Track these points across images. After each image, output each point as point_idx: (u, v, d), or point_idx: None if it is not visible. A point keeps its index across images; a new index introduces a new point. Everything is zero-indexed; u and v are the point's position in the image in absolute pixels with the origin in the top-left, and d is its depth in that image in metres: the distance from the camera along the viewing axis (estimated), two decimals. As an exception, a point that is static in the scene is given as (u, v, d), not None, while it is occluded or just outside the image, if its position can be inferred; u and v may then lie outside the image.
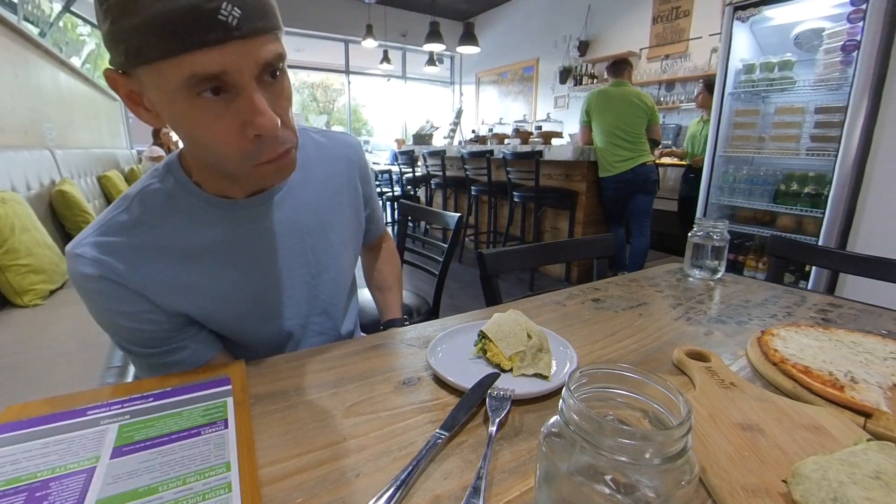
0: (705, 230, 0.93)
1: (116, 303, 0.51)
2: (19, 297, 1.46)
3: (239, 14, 0.39)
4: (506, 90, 7.22)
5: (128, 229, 0.52)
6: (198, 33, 0.38)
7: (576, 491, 0.26)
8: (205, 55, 0.39)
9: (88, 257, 0.49)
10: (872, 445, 0.34)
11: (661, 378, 0.28)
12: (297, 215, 0.62)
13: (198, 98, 0.41)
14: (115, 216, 0.52)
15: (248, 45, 0.41)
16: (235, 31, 0.39)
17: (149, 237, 0.52)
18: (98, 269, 0.49)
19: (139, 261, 0.51)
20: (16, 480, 0.33)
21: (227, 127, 0.43)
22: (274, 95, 0.45)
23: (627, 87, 2.86)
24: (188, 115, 0.43)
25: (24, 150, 2.02)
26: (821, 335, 0.60)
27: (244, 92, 0.42)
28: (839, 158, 1.99)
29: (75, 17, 3.27)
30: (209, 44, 0.39)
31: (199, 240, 0.54)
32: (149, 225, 0.52)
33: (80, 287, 0.50)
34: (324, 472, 0.37)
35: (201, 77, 0.40)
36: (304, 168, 0.63)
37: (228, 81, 0.41)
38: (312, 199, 0.65)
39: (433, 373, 0.52)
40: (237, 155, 0.45)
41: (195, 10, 0.37)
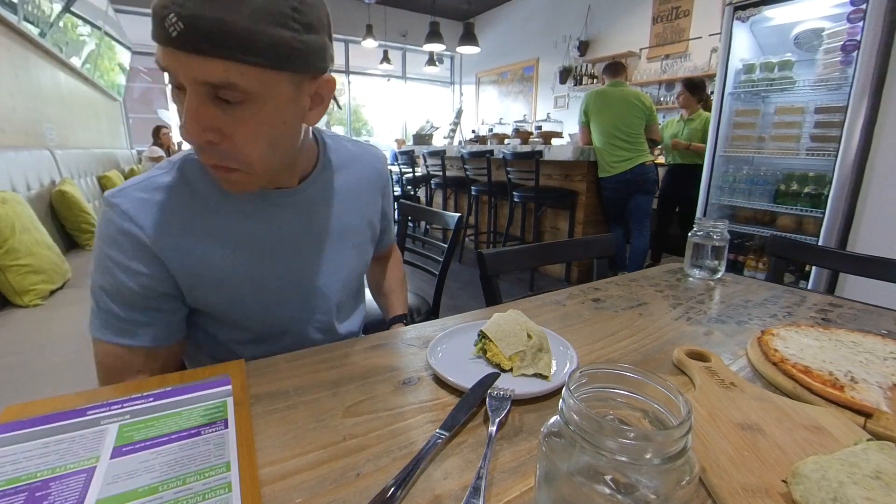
0: (705, 230, 0.93)
1: (127, 257, 0.52)
2: (19, 298, 1.46)
3: (180, 28, 0.41)
4: (506, 90, 7.22)
5: (166, 190, 0.55)
6: (154, 28, 0.43)
7: (576, 491, 0.26)
8: (158, 49, 0.44)
9: (123, 209, 0.52)
10: (872, 445, 0.34)
11: (661, 378, 0.28)
12: (319, 215, 0.65)
13: (171, 83, 0.46)
14: (157, 176, 0.56)
15: (186, 58, 0.42)
16: (173, 41, 0.42)
17: (183, 202, 0.55)
18: (127, 223, 0.52)
19: (169, 223, 0.54)
20: (16, 480, 0.33)
21: (178, 115, 0.47)
22: (230, 118, 0.46)
23: (625, 88, 2.86)
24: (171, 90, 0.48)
25: (24, 151, 2.02)
26: (821, 335, 0.60)
27: (187, 95, 0.45)
28: (839, 158, 1.99)
29: (75, 18, 3.27)
30: (159, 41, 0.43)
31: (222, 218, 0.57)
32: (187, 190, 0.56)
33: (102, 230, 0.53)
34: (324, 472, 0.37)
35: (160, 66, 0.45)
36: (333, 171, 0.67)
37: (177, 80, 0.45)
38: (336, 201, 0.67)
39: (433, 373, 0.52)
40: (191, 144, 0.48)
41: (155, 11, 0.42)
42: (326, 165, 0.67)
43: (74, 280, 1.75)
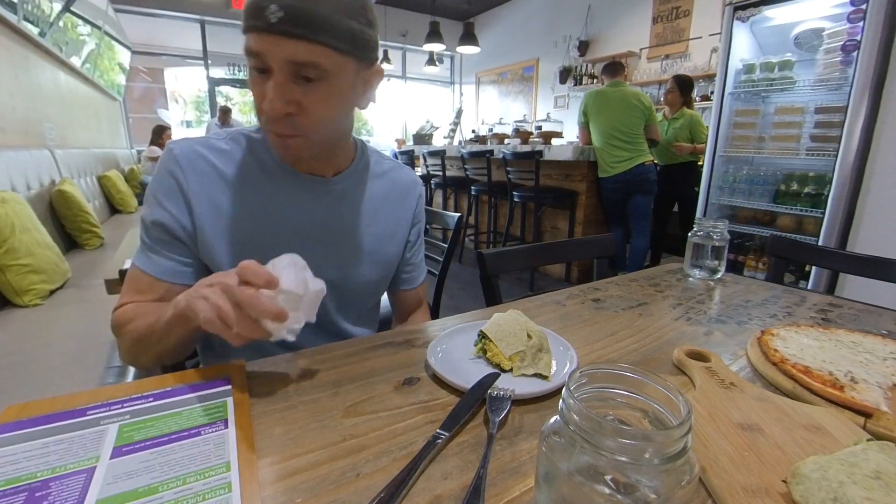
0: (705, 230, 0.93)
1: (163, 194, 0.62)
2: (19, 297, 1.46)
3: (280, 15, 0.51)
4: (506, 90, 7.22)
5: (218, 153, 0.65)
6: (251, 20, 0.52)
7: (576, 491, 0.26)
8: (252, 37, 0.53)
9: (175, 154, 0.63)
10: (872, 445, 0.34)
11: (661, 378, 0.28)
12: (346, 212, 0.71)
13: (252, 67, 0.56)
14: (215, 140, 0.66)
15: (281, 42, 0.52)
16: (273, 26, 0.51)
17: (228, 167, 0.65)
18: (174, 166, 0.62)
19: (209, 179, 0.63)
20: (16, 480, 0.33)
21: (257, 94, 0.56)
22: (305, 92, 0.56)
23: (625, 88, 2.86)
24: (250, 76, 0.57)
25: (24, 150, 2.02)
26: (821, 335, 0.60)
27: (271, 76, 0.54)
28: (839, 158, 1.99)
29: (75, 17, 3.27)
30: (254, 29, 0.52)
31: (256, 191, 0.65)
32: (234, 160, 0.65)
33: (156, 168, 0.64)
34: (324, 472, 0.37)
35: (249, 51, 0.54)
36: (368, 177, 0.74)
37: (265, 63, 0.54)
38: (364, 205, 0.73)
39: (433, 373, 0.52)
40: (258, 114, 0.59)
41: (254, 3, 0.52)
42: (362, 168, 0.74)
43: (74, 280, 1.75)
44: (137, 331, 0.57)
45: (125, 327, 0.59)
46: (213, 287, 0.46)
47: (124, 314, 0.60)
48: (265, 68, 0.54)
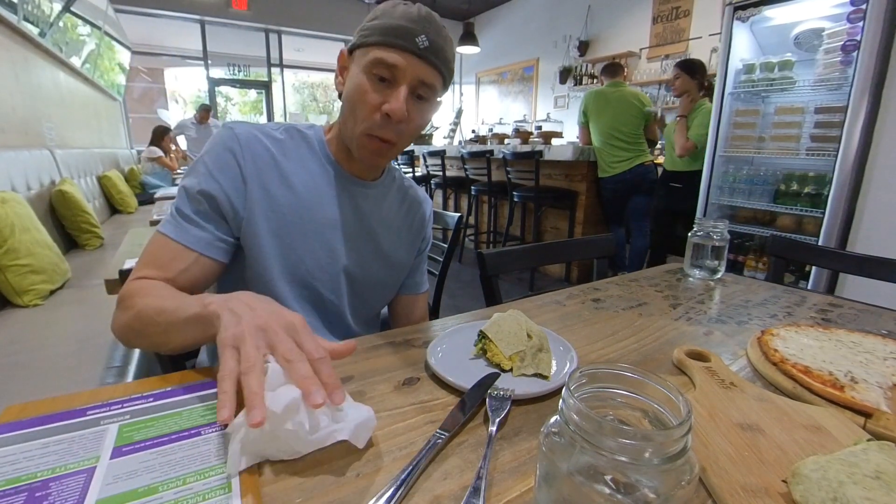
0: (705, 230, 0.93)
1: (217, 166, 0.64)
2: (19, 297, 1.46)
3: (426, 45, 0.62)
4: (506, 90, 7.22)
5: (274, 141, 0.69)
6: (400, 40, 0.61)
7: (576, 491, 0.26)
8: (392, 52, 0.61)
9: (237, 132, 0.67)
10: (872, 445, 0.34)
11: (661, 378, 0.28)
12: (378, 214, 0.77)
13: (372, 76, 0.63)
14: (272, 130, 0.71)
15: (419, 63, 0.62)
16: (418, 50, 0.61)
17: (282, 154, 0.69)
18: (234, 143, 0.66)
19: (264, 160, 0.67)
20: (16, 480, 0.33)
21: (372, 100, 0.63)
22: (415, 109, 0.65)
23: (624, 88, 2.86)
24: (359, 83, 0.63)
25: (24, 150, 2.02)
26: (821, 335, 0.60)
27: (397, 86, 0.63)
28: (839, 158, 1.99)
29: (75, 18, 3.27)
30: (398, 48, 0.61)
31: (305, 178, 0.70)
32: (288, 149, 0.70)
33: (211, 143, 0.67)
34: (324, 472, 0.37)
35: (381, 61, 0.61)
36: (395, 186, 0.81)
37: (393, 74, 0.62)
38: (391, 210, 0.79)
39: (433, 373, 0.52)
40: (363, 117, 0.64)
41: (406, 29, 0.61)
42: (390, 180, 0.81)
43: (74, 280, 1.75)
44: (147, 309, 0.54)
45: (133, 299, 0.57)
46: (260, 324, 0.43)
47: (139, 287, 0.58)
48: (391, 79, 0.62)
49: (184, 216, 0.63)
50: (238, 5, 6.05)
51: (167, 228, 0.63)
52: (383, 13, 0.63)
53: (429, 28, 0.62)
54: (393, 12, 0.63)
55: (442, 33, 0.64)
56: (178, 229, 0.63)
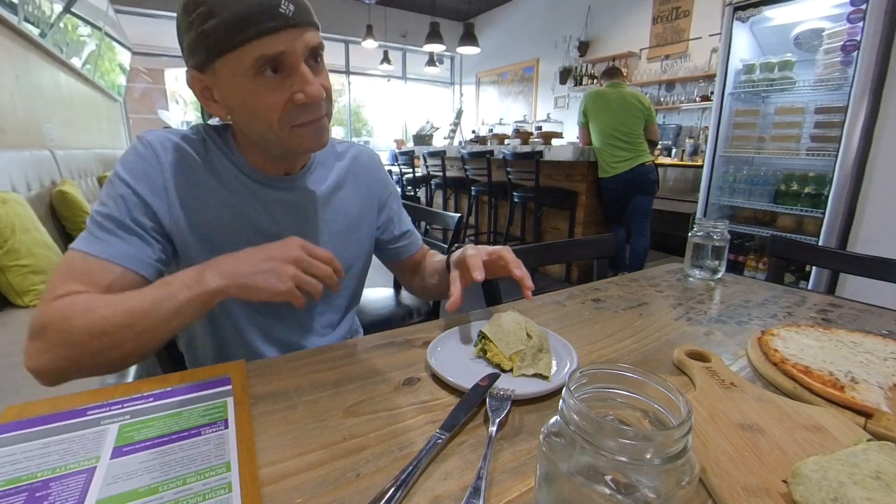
0: (705, 230, 0.93)
1: (135, 179, 0.58)
2: (20, 298, 1.46)
3: (293, 9, 0.53)
4: (506, 90, 7.22)
5: (192, 144, 0.63)
6: (263, 22, 0.51)
7: (576, 491, 0.26)
8: (269, 40, 0.52)
9: (149, 140, 0.61)
10: (873, 446, 0.34)
11: (662, 378, 0.28)
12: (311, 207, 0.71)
13: (261, 76, 0.54)
14: (187, 133, 0.64)
15: (300, 32, 0.54)
16: (291, 20, 0.53)
17: (201, 160, 0.63)
18: (149, 152, 0.60)
19: (183, 168, 0.61)
20: (16, 480, 0.33)
21: (279, 97, 0.56)
22: (317, 74, 0.58)
23: (624, 88, 2.86)
24: (250, 91, 0.55)
25: (24, 151, 2.02)
26: (821, 335, 0.60)
27: (297, 69, 0.55)
28: (839, 158, 1.99)
29: (76, 18, 3.27)
30: (272, 30, 0.52)
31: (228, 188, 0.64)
32: (207, 155, 0.64)
33: (123, 158, 0.60)
34: (324, 472, 0.37)
35: (267, 57, 0.53)
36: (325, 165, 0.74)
37: (284, 61, 0.54)
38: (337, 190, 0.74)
39: (433, 373, 0.52)
40: (279, 118, 0.57)
41: (262, 5, 0.51)
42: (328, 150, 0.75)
43: (75, 280, 1.74)
44: (106, 321, 0.48)
45: (71, 321, 0.48)
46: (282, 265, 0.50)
47: (75, 303, 0.50)
48: (282, 66, 0.55)
49: (104, 229, 0.56)
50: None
51: (84, 244, 0.55)
52: (214, 5, 0.52)
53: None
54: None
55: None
56: (98, 244, 0.55)
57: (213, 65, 0.55)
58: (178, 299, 0.48)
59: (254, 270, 0.50)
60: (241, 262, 0.51)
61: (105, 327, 0.48)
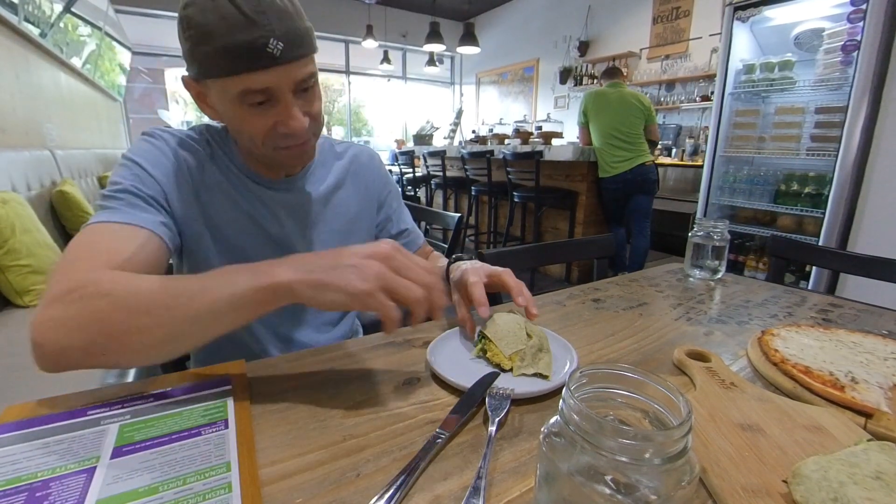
0: (705, 230, 0.93)
1: (150, 163, 0.58)
2: (20, 298, 1.46)
3: (282, 47, 0.52)
4: (506, 90, 7.22)
5: (197, 142, 0.64)
6: (251, 61, 0.52)
7: (576, 491, 0.26)
8: (255, 76, 0.53)
9: (161, 134, 0.62)
10: (873, 446, 0.34)
11: (662, 378, 0.28)
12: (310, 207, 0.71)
13: (246, 105, 0.55)
14: (189, 132, 0.65)
15: (288, 68, 0.54)
16: (278, 59, 0.53)
17: (207, 158, 0.64)
18: (161, 143, 0.61)
19: (194, 164, 0.62)
20: (16, 480, 0.33)
21: (263, 123, 0.57)
22: (306, 101, 0.59)
23: (624, 88, 2.86)
24: (236, 113, 0.57)
25: (24, 151, 2.02)
26: (821, 335, 0.60)
27: (282, 102, 0.56)
28: (839, 158, 1.99)
29: (76, 18, 3.27)
30: (258, 68, 0.52)
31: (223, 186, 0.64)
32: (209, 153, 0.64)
33: (136, 146, 0.60)
34: (324, 472, 0.37)
35: (251, 91, 0.54)
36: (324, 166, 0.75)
37: (270, 95, 0.55)
38: (337, 189, 0.75)
39: (433, 373, 0.52)
40: (263, 140, 0.58)
41: (250, 44, 0.51)
42: (326, 150, 0.76)
43: (75, 280, 1.74)
44: (149, 296, 0.42)
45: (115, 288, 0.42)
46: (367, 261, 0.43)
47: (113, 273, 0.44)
48: (268, 99, 0.55)
49: (122, 201, 0.53)
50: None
51: (107, 215, 0.52)
52: (203, 34, 0.51)
53: (267, 20, 0.51)
54: (214, 28, 0.50)
55: (278, 7, 0.52)
56: (117, 213, 0.52)
57: (204, 81, 0.56)
58: (239, 287, 0.42)
59: (333, 265, 0.43)
60: (319, 258, 0.44)
61: (146, 304, 0.41)
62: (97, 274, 0.44)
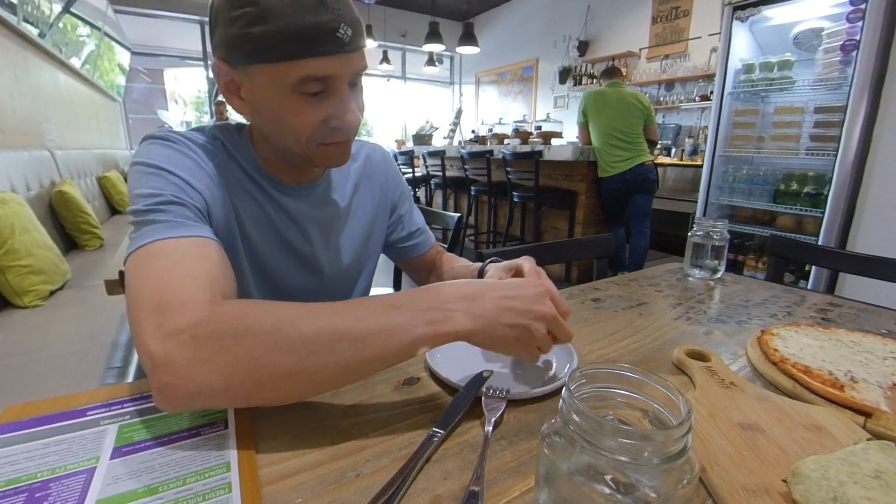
0: (705, 230, 0.93)
1: (181, 168, 0.52)
2: (19, 298, 1.46)
3: (350, 33, 0.50)
4: (505, 90, 7.22)
5: (212, 146, 0.59)
6: (318, 45, 0.48)
7: (576, 491, 0.26)
8: (320, 62, 0.49)
9: (179, 137, 0.56)
10: (872, 445, 0.34)
11: (661, 378, 0.28)
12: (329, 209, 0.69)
13: (299, 95, 0.51)
14: (195, 134, 0.59)
15: (351, 57, 0.52)
16: (346, 46, 0.50)
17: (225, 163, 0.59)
18: (183, 146, 0.55)
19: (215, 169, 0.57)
20: (16, 481, 0.33)
21: (315, 116, 0.53)
22: (355, 95, 0.56)
23: (623, 88, 2.86)
24: (285, 104, 0.52)
25: (23, 151, 2.02)
26: (820, 335, 0.60)
27: (338, 93, 0.53)
28: (839, 158, 1.99)
29: (75, 18, 3.27)
30: (325, 53, 0.49)
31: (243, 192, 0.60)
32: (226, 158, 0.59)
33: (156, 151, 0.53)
34: (324, 472, 0.37)
35: (313, 78, 0.50)
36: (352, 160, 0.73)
37: (328, 85, 0.52)
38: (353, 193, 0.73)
39: (433, 373, 0.52)
40: (309, 136, 0.54)
41: (320, 26, 0.48)
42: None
43: (74, 281, 1.75)
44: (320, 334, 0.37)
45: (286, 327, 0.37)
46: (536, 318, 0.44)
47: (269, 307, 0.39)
48: (325, 89, 0.52)
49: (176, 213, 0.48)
50: (238, 6, 6.03)
51: (165, 231, 0.45)
52: (263, 11, 0.47)
53: (337, 3, 0.49)
54: (277, 6, 0.46)
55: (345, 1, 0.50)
56: (182, 227, 0.47)
57: (249, 67, 0.51)
58: (412, 334, 0.39)
59: (509, 322, 0.42)
60: (494, 305, 0.42)
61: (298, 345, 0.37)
62: (229, 306, 0.40)
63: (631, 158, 2.78)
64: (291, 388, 0.38)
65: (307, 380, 0.38)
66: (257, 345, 0.36)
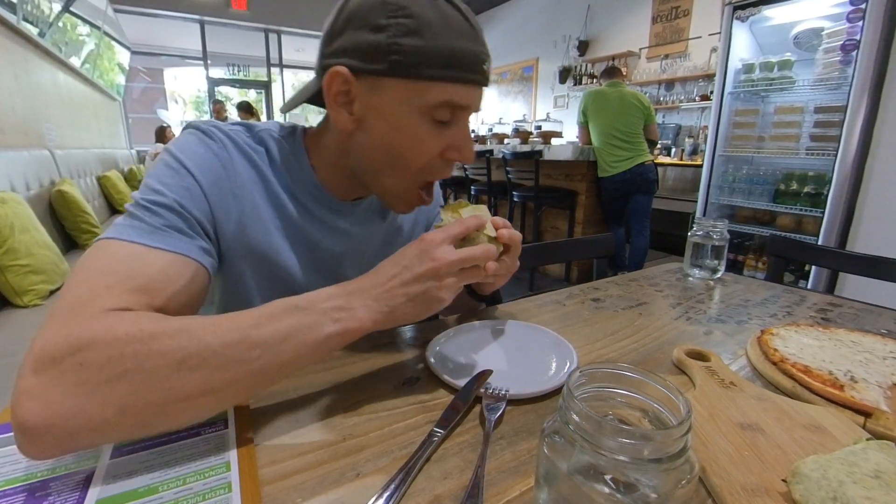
0: (705, 229, 0.93)
1: (202, 171, 0.49)
2: (19, 298, 1.46)
3: (488, 69, 0.51)
4: (505, 90, 7.22)
5: (255, 151, 0.55)
6: (468, 72, 0.48)
7: (576, 490, 0.26)
8: (464, 89, 0.49)
9: (220, 135, 0.52)
10: (872, 445, 0.34)
11: (661, 377, 0.28)
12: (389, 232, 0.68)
13: (428, 120, 0.49)
14: (244, 132, 0.55)
15: (481, 93, 0.52)
16: (486, 80, 0.51)
17: (266, 171, 0.55)
18: (220, 147, 0.51)
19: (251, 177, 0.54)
20: (15, 481, 0.33)
21: (436, 146, 0.51)
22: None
23: (623, 88, 2.86)
24: (411, 126, 0.49)
25: (23, 151, 2.02)
26: (820, 334, 0.60)
27: (461, 125, 0.53)
28: (839, 158, 1.99)
29: (75, 18, 3.27)
30: (470, 82, 0.49)
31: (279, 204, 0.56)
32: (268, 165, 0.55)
33: (188, 144, 0.50)
34: (324, 472, 0.37)
35: (452, 104, 0.49)
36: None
37: (456, 115, 0.51)
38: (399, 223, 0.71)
39: (433, 372, 0.52)
40: (422, 166, 0.52)
41: (474, 55, 0.48)
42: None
43: (74, 280, 1.74)
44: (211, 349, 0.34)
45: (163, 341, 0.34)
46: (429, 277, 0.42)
47: (155, 318, 0.36)
48: (451, 119, 0.51)
49: (165, 220, 0.44)
50: (237, 5, 6.05)
51: (141, 236, 0.42)
52: (423, 25, 0.45)
53: (482, 38, 0.50)
54: (438, 25, 0.45)
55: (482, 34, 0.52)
56: (160, 236, 0.43)
57: (383, 80, 0.47)
58: (322, 333, 0.38)
59: (406, 297, 0.42)
60: (390, 286, 0.42)
61: (207, 359, 0.34)
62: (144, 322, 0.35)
63: (631, 158, 2.78)
64: (202, 406, 0.36)
65: (221, 394, 0.36)
66: (148, 357, 0.33)
